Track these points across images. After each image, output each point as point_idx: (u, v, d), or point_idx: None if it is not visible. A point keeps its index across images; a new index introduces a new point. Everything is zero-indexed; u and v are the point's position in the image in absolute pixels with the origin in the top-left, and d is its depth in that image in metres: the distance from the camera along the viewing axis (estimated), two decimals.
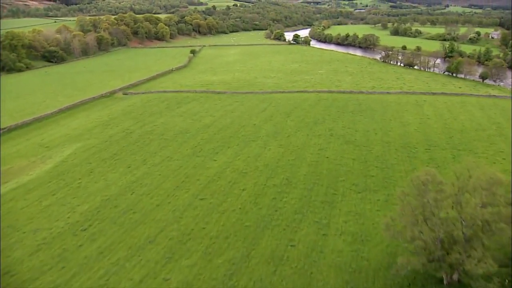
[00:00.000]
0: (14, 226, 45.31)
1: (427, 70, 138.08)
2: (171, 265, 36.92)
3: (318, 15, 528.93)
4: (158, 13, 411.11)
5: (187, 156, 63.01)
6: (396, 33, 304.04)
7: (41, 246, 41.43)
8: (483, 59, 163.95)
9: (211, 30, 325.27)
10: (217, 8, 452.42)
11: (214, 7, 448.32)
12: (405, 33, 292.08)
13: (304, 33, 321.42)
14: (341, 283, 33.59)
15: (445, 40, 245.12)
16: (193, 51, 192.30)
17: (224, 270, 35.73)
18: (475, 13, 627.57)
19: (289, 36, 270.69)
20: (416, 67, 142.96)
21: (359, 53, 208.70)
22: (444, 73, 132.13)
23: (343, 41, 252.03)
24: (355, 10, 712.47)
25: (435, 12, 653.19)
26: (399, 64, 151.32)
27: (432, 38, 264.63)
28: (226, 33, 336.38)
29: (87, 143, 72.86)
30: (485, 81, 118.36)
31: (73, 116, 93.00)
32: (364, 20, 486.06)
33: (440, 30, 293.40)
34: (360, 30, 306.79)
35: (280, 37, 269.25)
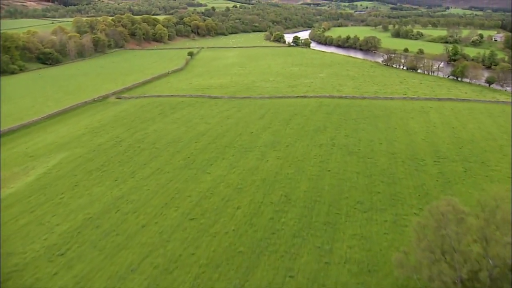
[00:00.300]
0: None
1: (431, 74, 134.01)
2: None
3: (318, 17, 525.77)
4: (157, 14, 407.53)
5: (179, 168, 58.79)
6: (397, 35, 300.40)
7: (11, 274, 37.18)
8: (487, 62, 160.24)
9: (210, 31, 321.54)
10: (216, 9, 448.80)
11: (213, 8, 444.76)
12: (407, 35, 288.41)
13: (304, 35, 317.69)
14: None
15: (447, 42, 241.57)
16: (191, 53, 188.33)
17: None
18: (476, 15, 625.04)
19: (289, 38, 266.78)
20: (419, 71, 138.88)
21: (360, 55, 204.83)
22: (448, 77, 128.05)
23: (344, 44, 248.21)
24: (355, 12, 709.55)
25: (436, 14, 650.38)
26: (401, 67, 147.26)
27: (433, 40, 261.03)
28: (225, 34, 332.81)
29: (74, 152, 68.63)
30: (491, 85, 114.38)
31: (62, 122, 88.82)
32: (364, 22, 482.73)
33: (441, 32, 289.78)
34: (360, 32, 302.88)
35: (279, 39, 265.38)
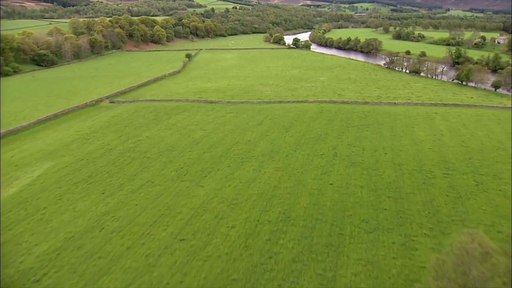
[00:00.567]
0: None
1: (434, 77, 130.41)
2: None
3: (318, 18, 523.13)
4: (156, 15, 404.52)
5: (171, 180, 55.03)
6: (398, 37, 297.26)
7: None
8: (491, 65, 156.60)
9: (209, 33, 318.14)
10: (216, 10, 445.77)
11: (212, 9, 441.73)
12: (408, 37, 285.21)
13: (304, 36, 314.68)
14: None
15: (449, 45, 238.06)
16: (189, 55, 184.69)
17: None
18: (477, 17, 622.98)
19: (289, 39, 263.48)
20: (422, 74, 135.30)
21: (361, 58, 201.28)
22: (452, 81, 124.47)
23: (345, 46, 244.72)
24: (355, 13, 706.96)
25: (436, 16, 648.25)
26: (404, 70, 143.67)
27: (435, 42, 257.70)
28: (224, 36, 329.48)
29: (62, 161, 64.84)
30: (497, 90, 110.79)
31: (52, 128, 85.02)
32: (365, 23, 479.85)
33: (443, 34, 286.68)
34: (361, 34, 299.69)
35: (279, 41, 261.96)
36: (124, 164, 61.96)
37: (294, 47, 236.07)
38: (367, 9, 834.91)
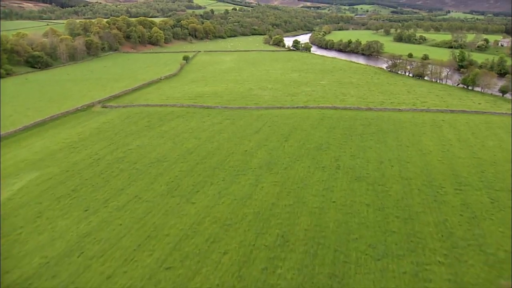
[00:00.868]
0: None
1: (439, 81, 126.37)
2: None
3: (318, 20, 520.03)
4: (155, 17, 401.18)
5: (160, 195, 50.83)
6: (399, 39, 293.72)
7: None
8: (496, 69, 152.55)
9: (208, 34, 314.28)
10: (215, 12, 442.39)
11: (212, 11, 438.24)
12: (409, 40, 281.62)
13: (304, 38, 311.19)
14: None
15: (451, 47, 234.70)
16: (186, 58, 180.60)
17: None
18: (477, 19, 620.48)
19: (288, 41, 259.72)
20: (426, 78, 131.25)
21: (362, 60, 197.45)
22: (457, 85, 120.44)
23: (345, 48, 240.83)
24: (356, 15, 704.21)
25: (437, 18, 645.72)
26: (407, 74, 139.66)
27: (437, 45, 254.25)
28: (223, 37, 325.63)
29: (45, 172, 60.65)
30: (504, 95, 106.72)
31: (39, 135, 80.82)
32: (365, 25, 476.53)
33: (445, 36, 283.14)
34: (362, 36, 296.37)
35: (279, 43, 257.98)
36: (111, 176, 57.75)
37: (294, 49, 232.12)
38: (367, 11, 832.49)
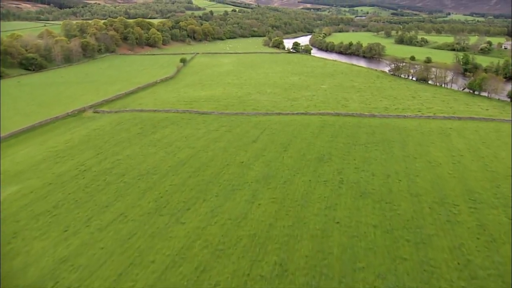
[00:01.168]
0: None
1: (444, 86, 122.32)
2: None
3: (318, 22, 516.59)
4: (153, 18, 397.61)
5: (147, 213, 46.56)
6: (401, 41, 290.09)
7: None
8: (502, 73, 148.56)
9: (206, 36, 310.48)
10: (214, 13, 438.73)
11: (211, 12, 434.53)
12: (411, 42, 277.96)
13: (304, 40, 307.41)
14: None
15: (454, 50, 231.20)
16: (183, 60, 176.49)
17: None
18: (478, 21, 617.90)
19: (288, 43, 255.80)
20: (430, 82, 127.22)
21: (363, 63, 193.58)
22: (463, 90, 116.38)
23: (346, 50, 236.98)
24: (356, 17, 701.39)
25: (437, 20, 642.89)
26: (410, 78, 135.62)
27: (439, 47, 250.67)
28: (222, 39, 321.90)
29: (27, 185, 56.37)
30: None
31: (25, 142, 76.60)
32: (365, 27, 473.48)
33: (446, 39, 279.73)
34: (362, 38, 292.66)
35: (278, 45, 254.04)
36: (96, 190, 53.47)
37: (294, 51, 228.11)
38: (368, 13, 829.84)
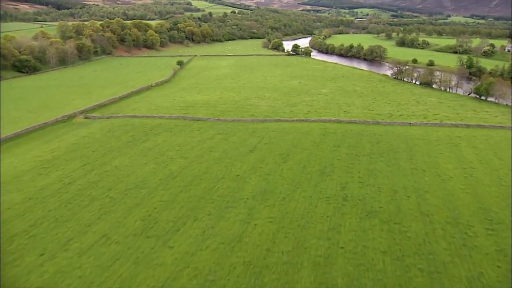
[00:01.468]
0: None
1: (448, 90, 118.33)
2: None
3: (318, 24, 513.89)
4: (152, 19, 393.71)
5: (133, 235, 42.32)
6: (402, 43, 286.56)
7: None
8: (507, 76, 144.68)
9: (205, 38, 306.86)
10: (214, 14, 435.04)
11: (210, 13, 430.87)
12: (412, 44, 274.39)
13: (304, 42, 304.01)
14: None
15: (456, 52, 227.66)
16: (180, 63, 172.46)
17: None
18: (479, 23, 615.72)
19: (288, 45, 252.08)
20: (434, 86, 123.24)
21: (364, 66, 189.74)
22: (469, 94, 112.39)
23: (347, 53, 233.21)
24: (356, 19, 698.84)
25: (437, 22, 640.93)
26: (414, 81, 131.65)
27: (441, 50, 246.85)
28: (221, 41, 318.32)
29: (6, 200, 52.01)
30: None
31: (9, 151, 72.22)
32: (366, 29, 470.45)
33: (448, 41, 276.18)
34: (363, 40, 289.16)
35: (278, 47, 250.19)
36: (79, 207, 49.25)
37: (293, 54, 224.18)
38: (367, 15, 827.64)
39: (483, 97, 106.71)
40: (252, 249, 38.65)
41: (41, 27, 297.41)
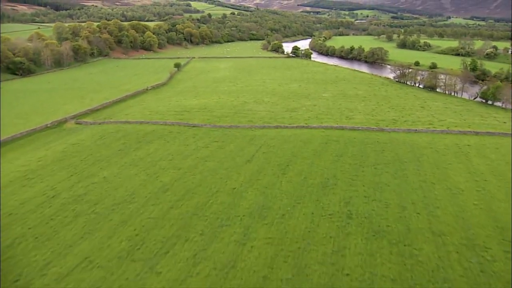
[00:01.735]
0: None
1: (453, 94, 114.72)
2: None
3: (318, 25, 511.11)
4: (151, 21, 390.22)
5: (117, 258, 38.53)
6: (403, 45, 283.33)
7: None
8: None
9: (204, 39, 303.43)
10: (213, 16, 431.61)
11: (209, 15, 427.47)
12: (414, 46, 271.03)
13: (304, 44, 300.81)
14: None
15: (458, 54, 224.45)
16: (178, 65, 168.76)
17: None
18: (479, 25, 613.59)
19: (288, 47, 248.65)
20: (438, 90, 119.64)
21: (365, 68, 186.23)
22: (474, 99, 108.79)
23: (347, 55, 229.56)
24: (356, 20, 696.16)
25: (438, 23, 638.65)
26: (417, 85, 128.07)
27: (443, 52, 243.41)
28: (220, 43, 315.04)
29: None
30: None
31: None
32: (366, 31, 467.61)
33: (450, 43, 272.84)
34: (363, 42, 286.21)
35: (277, 49, 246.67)
36: (62, 224, 45.48)
37: (293, 56, 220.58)
38: (367, 16, 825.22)
39: (489, 102, 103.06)
40: (247, 276, 34.87)
41: (38, 28, 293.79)
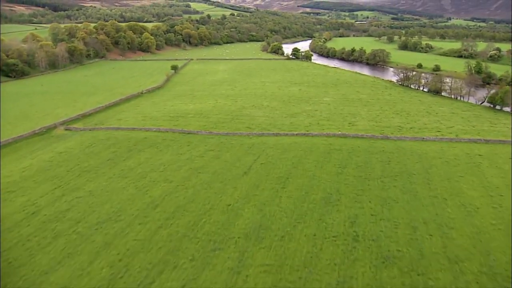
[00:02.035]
0: None
1: (460, 98, 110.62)
2: None
3: (318, 26, 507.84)
4: (149, 22, 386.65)
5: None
6: (404, 47, 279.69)
7: None
8: None
9: (203, 41, 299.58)
10: (212, 17, 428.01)
11: (208, 16, 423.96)
12: (415, 48, 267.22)
13: (304, 45, 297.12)
14: None
15: (461, 56, 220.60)
16: (175, 67, 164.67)
17: None
18: (480, 26, 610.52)
19: (288, 48, 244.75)
20: (444, 94, 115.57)
21: (367, 71, 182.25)
22: (481, 103, 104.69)
23: (348, 57, 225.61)
24: (356, 21, 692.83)
25: (438, 25, 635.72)
26: (421, 89, 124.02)
27: (446, 54, 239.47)
28: (219, 44, 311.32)
29: None
30: None
31: None
32: (366, 32, 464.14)
33: (452, 44, 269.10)
34: (364, 43, 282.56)
35: (277, 50, 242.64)
36: (40, 246, 41.30)
37: (293, 57, 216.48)
38: (368, 17, 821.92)
39: (497, 107, 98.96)
40: None
41: (35, 29, 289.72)
